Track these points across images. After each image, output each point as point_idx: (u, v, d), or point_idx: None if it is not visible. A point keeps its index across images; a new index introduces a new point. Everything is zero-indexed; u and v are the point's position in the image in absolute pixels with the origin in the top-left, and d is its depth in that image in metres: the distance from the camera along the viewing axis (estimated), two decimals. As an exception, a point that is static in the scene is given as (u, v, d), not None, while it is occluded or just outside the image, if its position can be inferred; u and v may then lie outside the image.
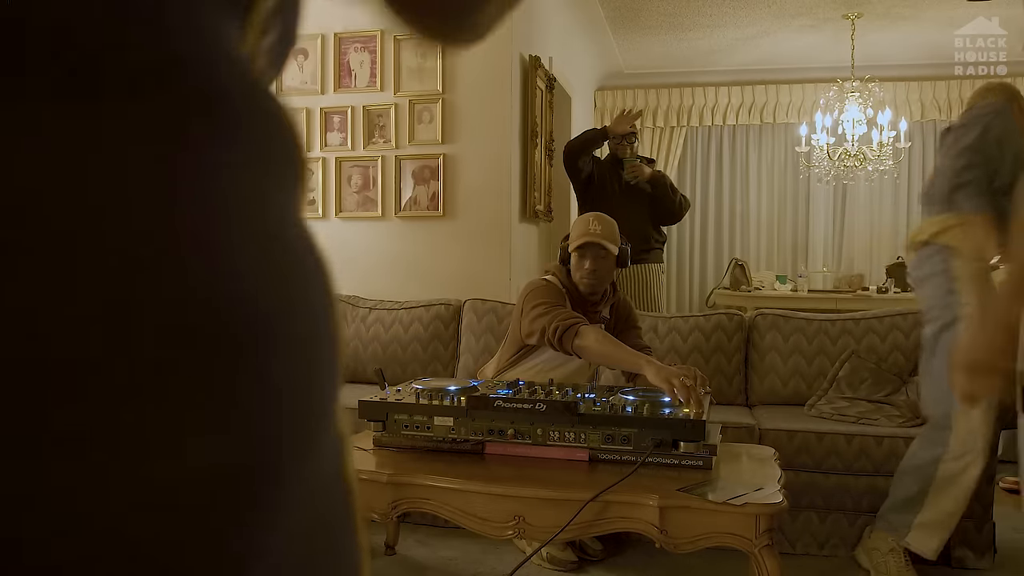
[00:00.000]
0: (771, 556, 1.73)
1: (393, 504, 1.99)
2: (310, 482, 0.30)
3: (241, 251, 0.27)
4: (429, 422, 2.09)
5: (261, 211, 0.29)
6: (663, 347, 3.18)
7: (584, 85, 6.44)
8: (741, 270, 6.15)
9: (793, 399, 3.07)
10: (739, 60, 6.86)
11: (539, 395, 2.12)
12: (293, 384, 0.29)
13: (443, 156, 3.79)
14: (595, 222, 2.56)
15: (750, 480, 1.93)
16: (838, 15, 5.69)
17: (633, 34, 6.27)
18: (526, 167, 3.97)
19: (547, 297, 2.47)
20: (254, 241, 0.28)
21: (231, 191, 0.27)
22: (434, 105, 3.78)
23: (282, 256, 0.29)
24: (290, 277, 0.29)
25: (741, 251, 7.35)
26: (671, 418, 1.96)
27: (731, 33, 6.16)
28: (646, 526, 1.80)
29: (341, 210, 3.91)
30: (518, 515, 1.89)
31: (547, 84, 4.29)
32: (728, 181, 7.40)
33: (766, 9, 5.59)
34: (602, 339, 2.32)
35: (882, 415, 2.78)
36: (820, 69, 6.71)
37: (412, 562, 2.59)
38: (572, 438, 2.01)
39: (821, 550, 2.66)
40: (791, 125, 7.01)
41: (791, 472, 2.55)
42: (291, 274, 0.29)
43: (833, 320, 3.16)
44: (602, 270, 2.52)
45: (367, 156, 3.88)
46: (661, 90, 7.28)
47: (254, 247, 0.28)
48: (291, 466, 0.28)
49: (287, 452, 0.28)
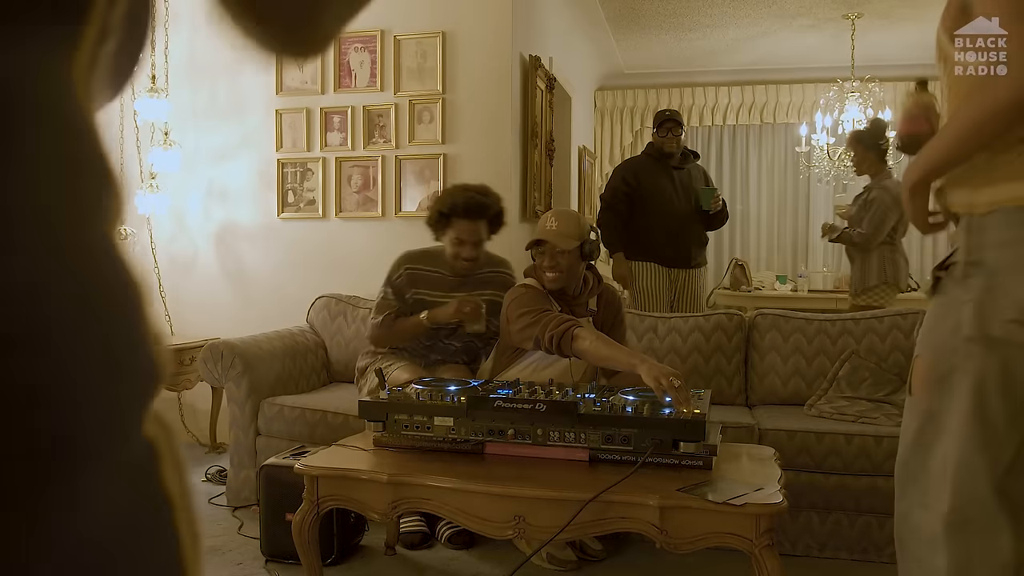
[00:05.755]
0: (771, 556, 1.73)
1: (393, 504, 1.99)
2: (90, 489, 0.30)
3: (23, 255, 0.28)
4: (429, 422, 2.09)
5: (55, 221, 0.29)
6: (663, 347, 3.18)
7: (584, 85, 6.44)
8: (741, 270, 6.15)
9: (793, 399, 3.06)
10: (739, 60, 6.86)
11: (539, 395, 2.12)
12: (62, 384, 0.29)
13: (443, 156, 3.78)
14: (552, 219, 2.55)
15: (750, 480, 1.93)
16: (838, 15, 5.69)
17: (633, 34, 6.26)
18: (526, 167, 3.97)
19: (531, 304, 2.46)
20: (36, 251, 0.28)
21: (21, 201, 0.28)
22: (434, 105, 3.78)
23: (73, 266, 0.30)
24: (83, 285, 0.30)
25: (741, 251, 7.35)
26: (671, 418, 1.95)
27: (731, 33, 6.16)
28: (646, 526, 1.80)
29: (341, 210, 3.90)
30: (518, 515, 1.88)
31: (547, 84, 4.29)
32: (728, 181, 7.39)
33: (766, 9, 5.59)
34: (598, 341, 2.32)
35: (882, 414, 2.78)
36: (820, 69, 6.71)
37: (412, 562, 2.59)
38: (572, 438, 2.01)
39: (822, 551, 2.66)
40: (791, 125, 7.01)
41: (791, 472, 2.55)
42: (83, 283, 0.30)
43: (833, 320, 3.16)
44: (561, 266, 2.50)
45: (367, 156, 3.88)
46: (661, 90, 7.28)
47: (36, 256, 0.28)
48: (60, 467, 0.28)
49: (50, 454, 0.28)
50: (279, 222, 4.01)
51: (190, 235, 4.13)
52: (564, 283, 2.53)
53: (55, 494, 0.28)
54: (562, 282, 2.52)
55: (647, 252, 4.09)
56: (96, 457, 0.30)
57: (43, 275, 0.28)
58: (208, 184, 4.08)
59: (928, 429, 1.30)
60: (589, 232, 2.55)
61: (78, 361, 0.29)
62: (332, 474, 2.06)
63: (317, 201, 3.95)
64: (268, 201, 4.02)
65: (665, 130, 4.10)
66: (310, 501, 2.06)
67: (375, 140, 3.87)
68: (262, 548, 2.58)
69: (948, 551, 1.23)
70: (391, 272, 2.84)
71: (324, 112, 3.91)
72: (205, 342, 3.28)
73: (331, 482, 2.05)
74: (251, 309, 3.99)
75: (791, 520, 2.64)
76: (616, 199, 4.11)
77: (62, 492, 0.28)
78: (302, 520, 2.06)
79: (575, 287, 2.58)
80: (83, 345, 0.29)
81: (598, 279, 2.68)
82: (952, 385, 1.23)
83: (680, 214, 4.07)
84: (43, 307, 0.28)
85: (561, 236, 2.49)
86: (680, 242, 4.10)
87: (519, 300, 2.50)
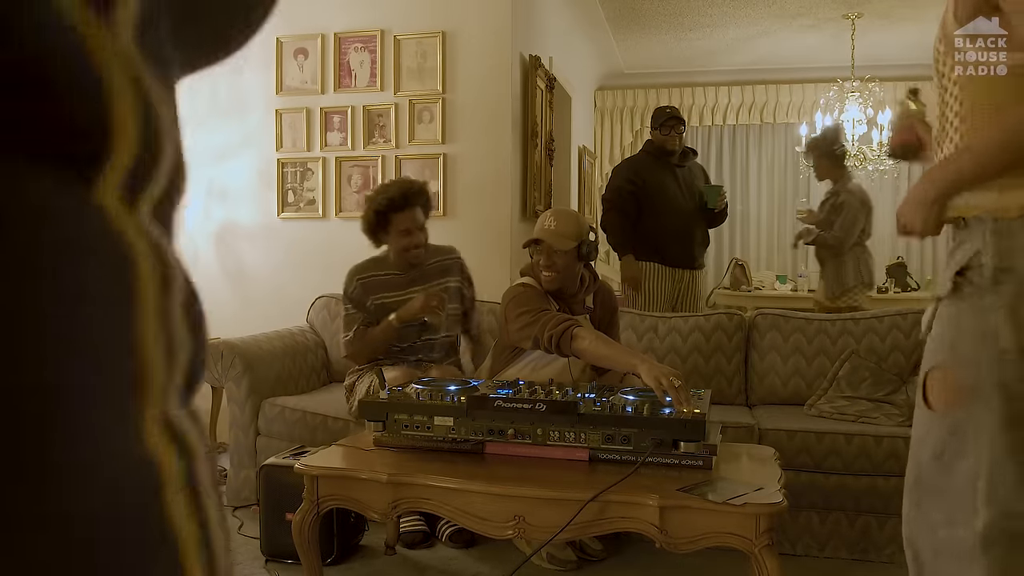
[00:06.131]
0: (771, 556, 1.73)
1: (393, 504, 1.99)
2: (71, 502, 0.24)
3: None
4: (429, 422, 2.09)
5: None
6: (663, 347, 3.18)
7: (584, 85, 6.44)
8: (741, 270, 6.15)
9: (793, 399, 3.07)
10: (739, 60, 6.86)
11: (539, 395, 2.12)
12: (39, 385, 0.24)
13: (443, 156, 3.79)
14: (551, 218, 2.54)
15: (750, 480, 1.93)
16: (838, 15, 5.69)
17: (633, 34, 6.27)
18: (526, 167, 3.97)
19: (528, 304, 2.46)
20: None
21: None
22: (434, 105, 3.78)
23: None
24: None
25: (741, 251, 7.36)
26: (671, 418, 1.95)
27: (731, 33, 6.16)
28: (646, 526, 1.80)
29: (341, 210, 3.90)
30: (518, 515, 1.88)
31: (547, 84, 4.29)
32: (728, 181, 7.40)
33: (766, 9, 5.59)
34: (597, 340, 2.31)
35: (882, 414, 2.79)
36: (820, 69, 6.72)
37: (412, 562, 2.59)
38: (572, 438, 2.01)
39: (822, 551, 2.66)
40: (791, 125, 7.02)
41: (791, 472, 2.55)
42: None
43: (833, 320, 3.16)
44: (558, 266, 2.50)
45: (367, 156, 3.88)
46: (661, 90, 7.28)
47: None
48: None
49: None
50: (279, 222, 4.01)
51: (190, 235, 4.13)
52: (560, 283, 2.52)
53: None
54: (558, 282, 2.51)
55: (652, 252, 3.99)
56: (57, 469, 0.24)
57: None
58: (208, 184, 4.08)
59: (952, 443, 1.24)
60: (588, 232, 2.54)
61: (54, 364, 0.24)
62: (332, 474, 2.06)
63: (317, 201, 3.95)
64: (268, 201, 4.02)
65: (668, 128, 3.99)
66: (310, 501, 2.06)
67: (375, 140, 3.87)
68: (262, 548, 2.58)
69: (986, 566, 1.18)
70: (345, 288, 2.88)
71: (324, 112, 3.91)
72: (205, 342, 3.27)
73: (331, 482, 2.05)
74: (251, 309, 3.99)
75: (791, 520, 2.64)
76: (622, 199, 3.97)
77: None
78: (302, 520, 2.06)
79: (572, 286, 2.58)
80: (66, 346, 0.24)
81: (594, 277, 2.67)
82: (983, 396, 1.17)
83: (685, 212, 3.99)
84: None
85: (558, 236, 2.48)
86: (685, 242, 4.02)
87: (517, 300, 2.49)
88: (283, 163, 3.99)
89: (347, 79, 3.89)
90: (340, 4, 3.90)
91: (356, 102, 3.87)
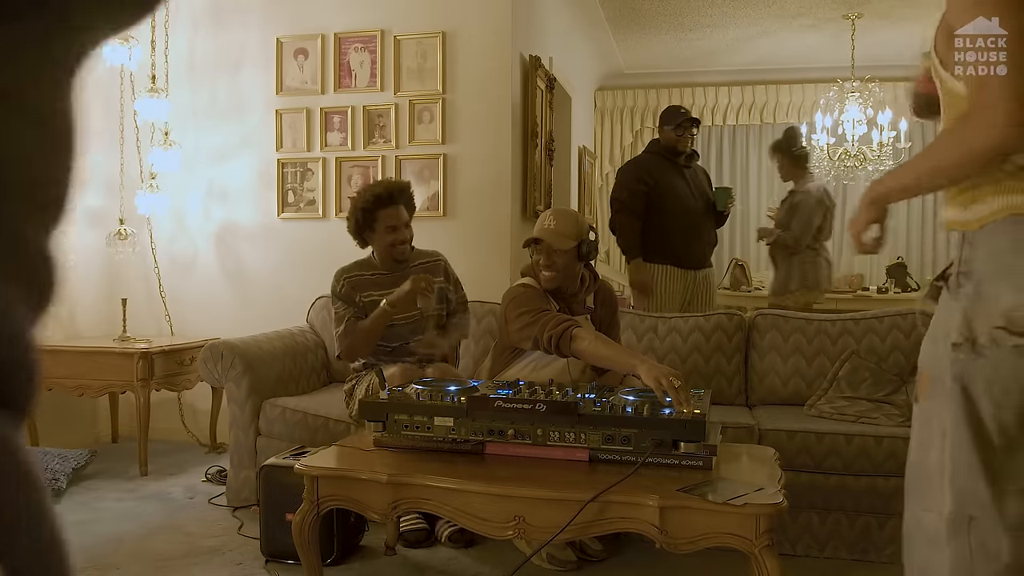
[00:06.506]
0: (771, 556, 1.73)
1: (393, 504, 1.99)
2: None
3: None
4: (429, 422, 2.08)
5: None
6: (663, 347, 3.18)
7: (584, 85, 6.44)
8: (741, 270, 6.15)
9: (793, 399, 3.06)
10: (739, 60, 6.86)
11: (539, 395, 2.12)
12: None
13: (443, 156, 3.79)
14: (551, 217, 2.54)
15: (750, 480, 1.93)
16: (838, 15, 5.69)
17: (633, 34, 6.27)
18: (526, 167, 3.97)
19: (528, 304, 2.46)
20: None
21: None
22: (434, 105, 3.78)
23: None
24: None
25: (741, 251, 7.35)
26: (671, 418, 1.95)
27: (731, 33, 6.16)
28: (646, 526, 1.80)
29: (341, 210, 3.90)
30: (518, 515, 1.88)
31: (547, 84, 4.29)
32: (728, 181, 7.39)
33: (766, 9, 5.59)
34: (597, 341, 2.31)
35: (882, 414, 2.79)
36: (820, 69, 6.71)
37: (412, 562, 2.59)
38: (572, 438, 2.01)
39: (822, 551, 2.66)
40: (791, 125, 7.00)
41: (791, 472, 2.55)
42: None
43: (833, 320, 3.15)
44: (557, 265, 2.49)
45: (367, 156, 3.88)
46: (661, 90, 7.28)
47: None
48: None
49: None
50: (279, 222, 4.01)
51: (190, 235, 4.13)
52: (560, 283, 2.52)
53: None
54: (558, 281, 2.51)
55: (664, 254, 3.91)
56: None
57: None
58: (208, 184, 4.08)
59: (926, 433, 1.35)
60: (588, 232, 2.54)
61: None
62: (332, 474, 2.06)
63: (317, 201, 3.95)
64: (268, 201, 4.02)
65: (683, 128, 3.92)
66: (310, 501, 2.06)
67: (375, 140, 3.87)
68: (262, 548, 2.58)
69: (950, 551, 1.26)
70: (333, 288, 2.92)
71: (324, 112, 3.91)
72: (205, 342, 3.28)
73: (331, 482, 2.05)
74: (251, 309, 3.99)
75: (791, 520, 2.64)
76: (635, 199, 3.87)
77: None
78: (302, 520, 2.06)
79: (572, 285, 2.57)
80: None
81: (594, 276, 2.67)
82: (944, 388, 1.28)
83: (696, 213, 3.95)
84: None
85: (558, 235, 2.48)
86: (695, 242, 3.97)
87: (517, 300, 2.49)
88: (283, 163, 3.99)
89: (347, 79, 3.89)
90: (340, 4, 3.90)
91: (356, 102, 3.87)
